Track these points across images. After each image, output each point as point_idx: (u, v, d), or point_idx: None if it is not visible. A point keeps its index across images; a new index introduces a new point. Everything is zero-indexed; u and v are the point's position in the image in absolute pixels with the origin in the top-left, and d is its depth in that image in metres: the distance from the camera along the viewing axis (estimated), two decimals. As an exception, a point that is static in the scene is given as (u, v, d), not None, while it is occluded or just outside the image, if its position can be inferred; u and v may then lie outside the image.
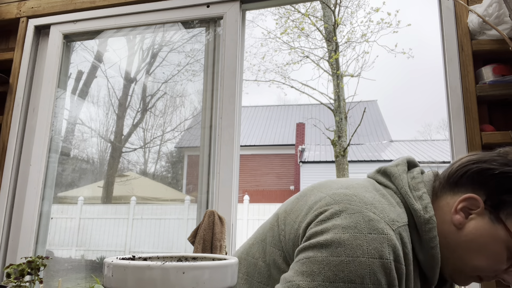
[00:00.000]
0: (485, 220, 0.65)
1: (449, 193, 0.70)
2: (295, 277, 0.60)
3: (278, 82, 10.84)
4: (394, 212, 0.64)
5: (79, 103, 2.29)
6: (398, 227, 0.62)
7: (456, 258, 0.67)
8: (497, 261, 0.64)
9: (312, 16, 9.40)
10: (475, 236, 0.65)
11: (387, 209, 0.64)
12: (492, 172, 0.66)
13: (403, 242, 0.62)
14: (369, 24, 11.13)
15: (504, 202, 0.65)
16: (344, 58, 13.15)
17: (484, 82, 1.40)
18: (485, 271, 0.66)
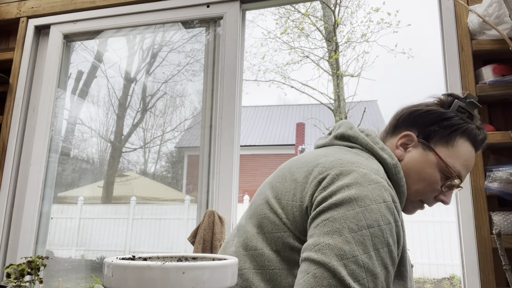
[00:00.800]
0: (419, 151, 0.81)
1: (391, 137, 0.87)
2: (320, 239, 0.64)
3: (278, 82, 10.85)
4: (374, 164, 0.75)
5: (79, 103, 2.29)
6: (383, 175, 0.73)
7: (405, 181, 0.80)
8: (432, 182, 0.79)
9: (312, 16, 9.40)
10: (412, 164, 0.81)
11: (369, 163, 0.74)
12: (420, 112, 0.84)
13: (390, 186, 0.72)
14: (369, 24, 11.15)
15: (431, 133, 0.81)
16: (344, 58, 13.15)
17: (484, 82, 1.40)
18: (425, 194, 0.80)
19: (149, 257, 0.55)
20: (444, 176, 0.80)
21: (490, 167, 1.35)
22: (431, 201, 0.82)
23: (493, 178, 1.31)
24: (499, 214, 1.30)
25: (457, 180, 0.80)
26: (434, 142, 0.81)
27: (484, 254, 1.30)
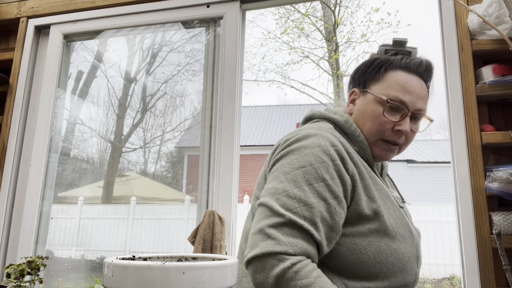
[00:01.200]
0: (361, 98, 0.92)
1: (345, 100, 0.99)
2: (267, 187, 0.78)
3: (278, 82, 10.85)
4: (322, 125, 0.88)
5: (79, 103, 2.29)
6: (328, 129, 0.86)
7: (363, 133, 0.89)
8: (376, 116, 0.86)
9: (312, 16, 9.40)
10: (359, 111, 0.91)
11: (315, 126, 0.87)
12: (355, 70, 0.97)
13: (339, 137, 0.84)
14: (369, 24, 11.13)
15: (365, 79, 0.92)
16: (344, 58, 13.13)
17: (484, 82, 1.40)
18: (378, 130, 0.86)
19: (149, 257, 0.55)
20: (385, 107, 0.86)
21: (490, 167, 1.35)
22: (389, 134, 0.86)
23: (493, 178, 1.31)
24: (499, 214, 1.30)
25: (397, 103, 0.85)
26: (368, 84, 0.91)
27: (484, 254, 1.30)
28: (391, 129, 0.86)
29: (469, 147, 1.38)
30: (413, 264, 0.81)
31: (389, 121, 0.86)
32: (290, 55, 11.83)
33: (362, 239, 0.76)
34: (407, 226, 0.83)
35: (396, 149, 0.89)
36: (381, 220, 0.78)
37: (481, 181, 1.35)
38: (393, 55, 0.92)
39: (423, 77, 0.90)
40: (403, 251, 0.79)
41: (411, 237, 0.82)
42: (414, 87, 0.87)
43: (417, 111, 0.87)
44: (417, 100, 0.87)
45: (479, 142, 1.37)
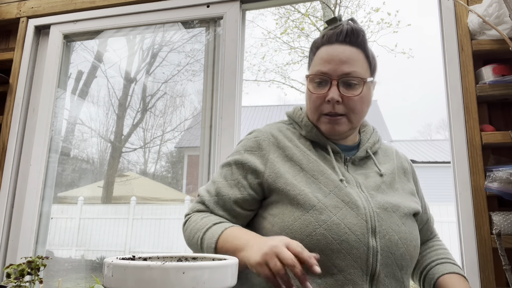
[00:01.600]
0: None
1: None
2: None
3: (278, 82, 10.85)
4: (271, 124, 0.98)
5: (79, 103, 2.29)
6: (274, 123, 0.98)
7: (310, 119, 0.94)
8: (309, 95, 0.90)
9: (312, 16, 9.40)
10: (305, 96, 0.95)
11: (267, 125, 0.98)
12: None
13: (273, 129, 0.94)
14: (369, 24, 11.11)
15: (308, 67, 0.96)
16: (344, 58, 13.08)
17: (484, 82, 1.40)
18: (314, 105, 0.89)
19: (149, 257, 0.55)
20: (313, 83, 0.90)
21: (490, 167, 1.35)
22: (325, 107, 0.88)
23: (493, 178, 1.31)
24: (499, 214, 1.30)
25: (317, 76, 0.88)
26: (308, 70, 0.95)
27: (484, 254, 1.30)
28: (324, 102, 0.87)
29: (469, 147, 1.38)
30: (360, 236, 0.78)
31: (318, 94, 0.88)
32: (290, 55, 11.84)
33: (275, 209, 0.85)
34: (346, 197, 0.82)
35: (340, 119, 0.88)
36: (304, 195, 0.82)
37: (481, 181, 1.35)
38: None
39: (348, 42, 0.88)
40: (337, 222, 0.78)
41: (355, 208, 0.81)
42: (334, 55, 0.87)
43: (343, 76, 0.86)
44: (340, 65, 0.86)
45: (479, 142, 1.37)
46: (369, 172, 0.92)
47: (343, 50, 0.87)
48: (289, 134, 0.94)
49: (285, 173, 0.86)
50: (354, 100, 0.87)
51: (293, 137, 0.93)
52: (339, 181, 0.85)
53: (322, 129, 0.90)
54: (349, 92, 0.87)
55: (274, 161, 0.88)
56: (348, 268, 0.77)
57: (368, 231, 0.80)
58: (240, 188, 0.88)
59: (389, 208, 0.85)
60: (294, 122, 0.98)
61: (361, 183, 0.88)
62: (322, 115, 0.89)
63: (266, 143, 0.91)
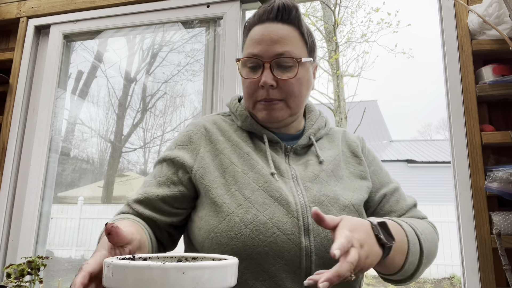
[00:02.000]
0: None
1: None
2: None
3: (278, 82, 10.81)
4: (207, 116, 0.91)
5: (79, 103, 2.29)
6: (210, 115, 0.91)
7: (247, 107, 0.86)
8: (243, 81, 0.83)
9: (312, 16, 9.40)
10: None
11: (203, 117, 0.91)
12: None
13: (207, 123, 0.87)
14: (369, 24, 11.13)
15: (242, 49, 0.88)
16: (344, 58, 13.15)
17: (484, 82, 1.40)
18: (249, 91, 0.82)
19: (149, 257, 0.55)
20: (245, 68, 0.82)
21: (490, 167, 1.35)
22: (259, 94, 0.80)
23: (493, 178, 1.31)
24: (499, 214, 1.30)
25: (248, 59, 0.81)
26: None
27: (484, 254, 1.30)
28: (258, 87, 0.79)
29: (469, 147, 1.38)
30: (291, 236, 0.70)
31: (251, 80, 0.80)
32: (290, 55, 11.77)
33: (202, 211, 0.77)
34: (276, 192, 0.74)
35: (277, 104, 0.80)
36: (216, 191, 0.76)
37: (481, 181, 1.35)
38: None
39: (279, 20, 0.80)
40: (264, 221, 0.70)
41: (285, 204, 0.73)
42: (265, 35, 0.79)
43: (276, 57, 0.78)
44: (272, 45, 0.78)
45: (479, 142, 1.37)
46: (310, 161, 0.83)
47: (275, 29, 0.79)
48: (225, 127, 0.86)
49: (213, 169, 0.79)
50: (291, 83, 0.79)
51: (229, 130, 0.85)
52: (270, 175, 0.77)
53: (258, 117, 0.82)
54: (284, 74, 0.79)
55: (204, 156, 0.80)
56: (280, 273, 0.69)
57: (300, 229, 0.71)
58: (170, 185, 0.80)
59: (326, 201, 0.76)
60: (232, 113, 0.90)
61: (298, 175, 0.79)
62: (257, 102, 0.81)
63: (197, 136, 0.84)
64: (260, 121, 0.84)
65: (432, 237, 0.80)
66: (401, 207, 0.86)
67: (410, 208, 0.88)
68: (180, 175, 0.81)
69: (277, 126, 0.85)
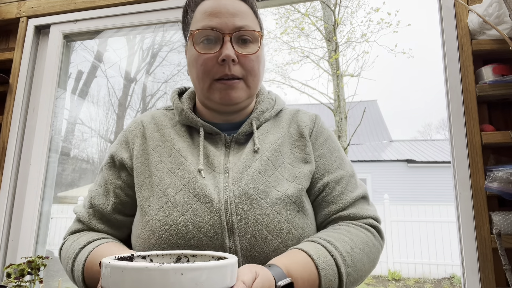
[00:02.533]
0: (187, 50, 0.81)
1: None
2: None
3: (278, 82, 10.85)
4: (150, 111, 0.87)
5: (79, 103, 2.29)
6: (142, 113, 0.87)
7: (194, 84, 0.78)
8: (196, 58, 0.73)
9: (312, 16, 9.40)
10: (187, 64, 0.79)
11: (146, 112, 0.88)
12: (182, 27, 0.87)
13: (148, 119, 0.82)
14: (369, 24, 11.13)
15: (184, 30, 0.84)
16: (344, 58, 13.15)
17: (484, 82, 1.39)
18: (204, 70, 0.73)
19: (147, 255, 0.55)
20: (200, 44, 0.74)
21: (490, 167, 1.35)
22: (218, 70, 0.72)
23: (493, 178, 1.31)
24: (499, 214, 1.30)
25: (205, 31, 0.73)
26: (186, 33, 0.82)
27: (484, 254, 1.30)
28: (216, 63, 0.71)
29: (469, 147, 1.38)
30: (213, 238, 0.65)
31: (209, 55, 0.71)
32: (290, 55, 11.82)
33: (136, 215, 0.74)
34: (199, 190, 0.68)
35: (237, 83, 0.72)
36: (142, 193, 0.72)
37: (481, 181, 1.35)
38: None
39: None
40: (185, 223, 0.65)
41: (208, 203, 0.66)
42: (221, 7, 0.72)
43: (236, 30, 0.71)
44: (231, 18, 0.71)
45: (479, 142, 1.37)
46: (245, 150, 0.75)
47: (231, 2, 0.73)
48: (163, 122, 0.81)
49: (144, 169, 0.74)
50: (251, 59, 0.72)
51: (167, 125, 0.80)
52: (196, 171, 0.70)
53: (215, 98, 0.73)
54: (245, 50, 0.72)
55: (138, 155, 0.76)
56: None
57: (223, 229, 0.65)
58: (116, 191, 0.75)
59: (255, 195, 0.68)
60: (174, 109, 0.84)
61: (230, 168, 0.72)
62: (215, 81, 0.73)
63: (133, 134, 0.79)
64: (214, 104, 0.76)
65: (367, 251, 0.70)
66: (344, 200, 0.75)
67: (355, 201, 0.76)
68: (124, 177, 0.77)
69: (232, 109, 0.77)
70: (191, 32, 0.74)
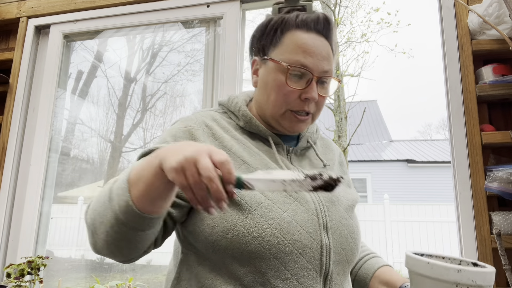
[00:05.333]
0: (262, 68, 0.82)
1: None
2: None
3: (278, 82, 10.82)
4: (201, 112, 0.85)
5: (79, 103, 2.29)
6: (198, 112, 0.85)
7: (264, 106, 0.81)
8: (279, 86, 0.77)
9: (312, 16, 9.39)
10: (261, 82, 0.82)
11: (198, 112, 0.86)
12: (252, 37, 0.86)
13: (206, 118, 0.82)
14: (369, 24, 11.13)
15: (263, 45, 0.82)
16: (344, 58, 13.15)
17: (484, 82, 1.40)
18: (284, 100, 0.78)
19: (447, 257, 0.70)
20: (288, 74, 0.76)
21: (490, 167, 1.35)
22: (297, 104, 0.78)
23: (493, 178, 1.31)
24: (499, 214, 1.30)
25: (298, 68, 0.76)
26: (267, 51, 0.81)
27: (484, 254, 1.30)
28: (298, 98, 0.77)
29: (469, 147, 1.38)
30: (313, 234, 0.71)
31: (295, 89, 0.76)
32: (290, 55, 11.75)
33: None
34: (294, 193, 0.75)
35: (308, 119, 0.80)
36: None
37: (481, 181, 1.35)
38: (287, 13, 0.81)
39: (324, 34, 0.78)
40: (288, 219, 0.70)
41: (305, 203, 0.74)
42: (315, 47, 0.77)
43: (323, 74, 0.77)
44: (321, 61, 0.77)
45: (479, 142, 1.37)
46: (314, 163, 0.86)
47: (323, 44, 0.78)
48: (225, 124, 0.83)
49: None
50: (324, 100, 0.81)
51: (229, 128, 0.82)
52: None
53: (284, 125, 0.80)
54: (323, 91, 0.79)
55: None
56: (302, 271, 0.69)
57: (320, 227, 0.73)
58: None
59: (336, 201, 0.79)
60: (229, 111, 0.87)
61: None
62: (290, 111, 0.79)
63: (200, 132, 0.78)
64: (279, 127, 0.82)
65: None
66: None
67: None
68: None
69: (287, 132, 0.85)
70: (287, 66, 0.76)
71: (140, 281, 1.96)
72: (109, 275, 2.16)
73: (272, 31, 0.81)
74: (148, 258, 2.36)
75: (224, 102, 0.89)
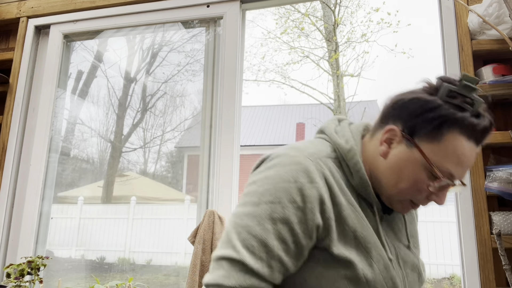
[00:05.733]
0: (403, 147, 0.72)
1: (379, 130, 0.77)
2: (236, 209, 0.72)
3: (278, 82, 10.85)
4: (314, 149, 0.74)
5: (79, 103, 2.29)
6: (317, 157, 0.72)
7: (386, 184, 0.74)
8: (416, 182, 0.70)
9: (312, 16, 9.41)
10: (396, 162, 0.72)
11: (309, 147, 0.74)
12: (403, 101, 0.73)
13: (325, 169, 0.71)
14: (369, 24, 11.11)
15: (416, 127, 0.71)
16: (344, 58, 13.15)
17: (484, 82, 1.40)
18: (411, 194, 0.72)
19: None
20: (431, 175, 0.70)
21: (490, 167, 1.35)
22: (422, 200, 0.73)
23: (493, 178, 1.31)
24: (499, 214, 1.30)
25: (447, 180, 0.69)
26: (418, 137, 0.70)
27: (484, 254, 1.30)
28: (425, 195, 0.72)
29: (469, 147, 1.38)
30: None
31: (428, 190, 0.71)
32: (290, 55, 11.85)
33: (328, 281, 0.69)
34: (390, 281, 0.71)
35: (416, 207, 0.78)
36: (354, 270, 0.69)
37: (481, 181, 1.35)
38: (457, 107, 0.69)
39: (479, 143, 0.71)
40: None
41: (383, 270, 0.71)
42: (469, 160, 0.70)
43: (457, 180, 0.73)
44: (466, 171, 0.71)
45: (479, 142, 1.37)
46: (400, 235, 0.81)
47: (475, 155, 0.71)
48: (338, 178, 0.73)
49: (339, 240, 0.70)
50: None
51: (343, 185, 0.73)
52: (388, 259, 0.72)
53: (395, 207, 0.75)
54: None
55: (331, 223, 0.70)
56: None
57: None
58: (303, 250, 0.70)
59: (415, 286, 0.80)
60: (343, 162, 0.76)
61: (399, 256, 0.77)
62: (409, 201, 0.74)
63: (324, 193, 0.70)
64: (386, 202, 0.77)
65: None
66: None
67: None
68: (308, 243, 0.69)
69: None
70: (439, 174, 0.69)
71: (140, 281, 1.96)
72: (109, 275, 2.16)
73: (436, 121, 0.69)
74: (148, 258, 2.36)
75: (343, 150, 0.76)
